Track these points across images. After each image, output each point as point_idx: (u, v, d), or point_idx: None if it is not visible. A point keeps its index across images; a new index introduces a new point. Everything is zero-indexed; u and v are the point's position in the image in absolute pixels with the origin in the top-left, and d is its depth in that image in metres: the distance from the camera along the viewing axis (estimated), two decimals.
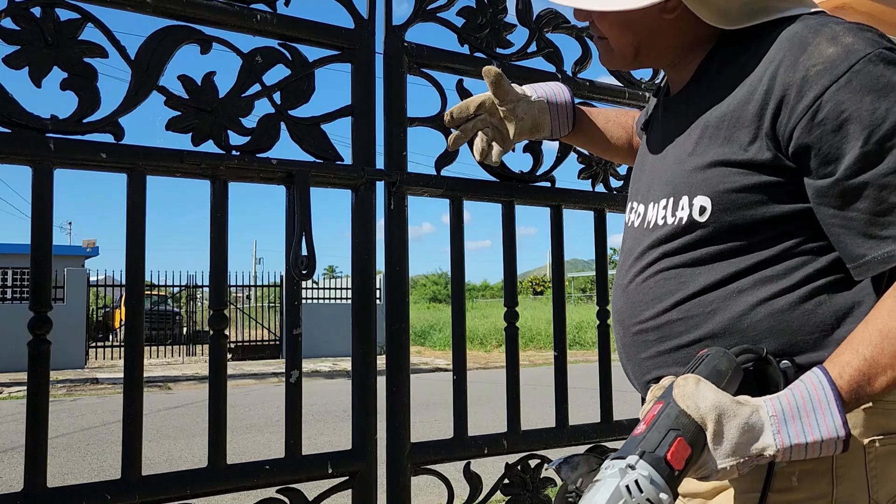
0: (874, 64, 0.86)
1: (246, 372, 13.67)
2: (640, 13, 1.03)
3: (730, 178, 0.95)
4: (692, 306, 0.99)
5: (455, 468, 1.61)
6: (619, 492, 0.79)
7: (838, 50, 0.87)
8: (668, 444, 0.82)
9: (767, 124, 0.91)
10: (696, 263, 0.99)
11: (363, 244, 1.53)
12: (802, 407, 0.84)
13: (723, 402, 0.85)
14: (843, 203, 0.88)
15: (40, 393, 1.22)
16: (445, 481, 1.59)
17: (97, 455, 6.42)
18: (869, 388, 0.84)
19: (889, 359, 0.84)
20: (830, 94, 0.86)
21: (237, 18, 1.42)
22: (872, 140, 0.85)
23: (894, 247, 0.86)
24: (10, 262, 15.83)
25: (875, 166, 0.85)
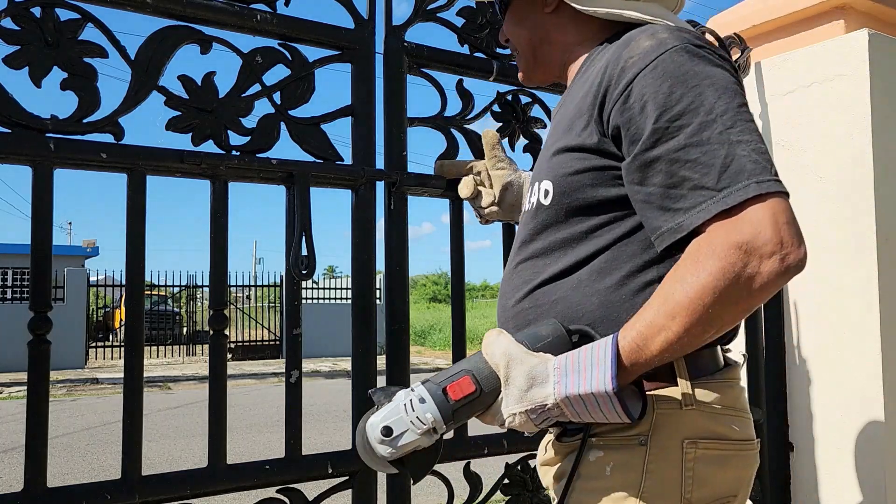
0: (679, 54, 0.94)
1: (246, 372, 13.67)
2: (528, 10, 1.19)
3: (567, 162, 1.03)
4: (540, 295, 1.05)
5: (455, 468, 1.61)
6: (398, 408, 0.96)
7: (652, 43, 0.96)
8: (453, 378, 0.95)
9: (596, 111, 1.00)
10: (545, 252, 1.07)
11: (363, 244, 1.53)
12: (583, 362, 0.90)
13: (513, 350, 0.94)
14: (641, 178, 0.95)
15: (40, 393, 1.22)
16: (445, 481, 1.59)
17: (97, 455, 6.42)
18: (648, 348, 0.89)
19: (664, 319, 0.88)
20: (638, 80, 0.94)
21: (237, 18, 1.42)
22: (664, 118, 0.91)
23: (684, 217, 0.91)
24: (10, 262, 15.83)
25: (666, 143, 0.91)
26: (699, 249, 0.88)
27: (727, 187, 0.87)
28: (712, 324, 0.87)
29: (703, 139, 0.90)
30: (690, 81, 0.92)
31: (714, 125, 0.90)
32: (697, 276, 0.86)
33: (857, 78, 1.96)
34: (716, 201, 0.88)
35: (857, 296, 1.93)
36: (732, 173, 0.88)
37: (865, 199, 1.93)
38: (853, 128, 1.96)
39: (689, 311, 0.86)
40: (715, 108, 0.91)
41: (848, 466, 1.94)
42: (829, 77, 2.02)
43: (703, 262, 0.86)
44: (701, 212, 0.89)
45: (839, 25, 2.19)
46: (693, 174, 0.90)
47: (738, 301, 0.86)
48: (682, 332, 0.87)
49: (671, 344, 0.88)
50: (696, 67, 0.93)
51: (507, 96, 1.78)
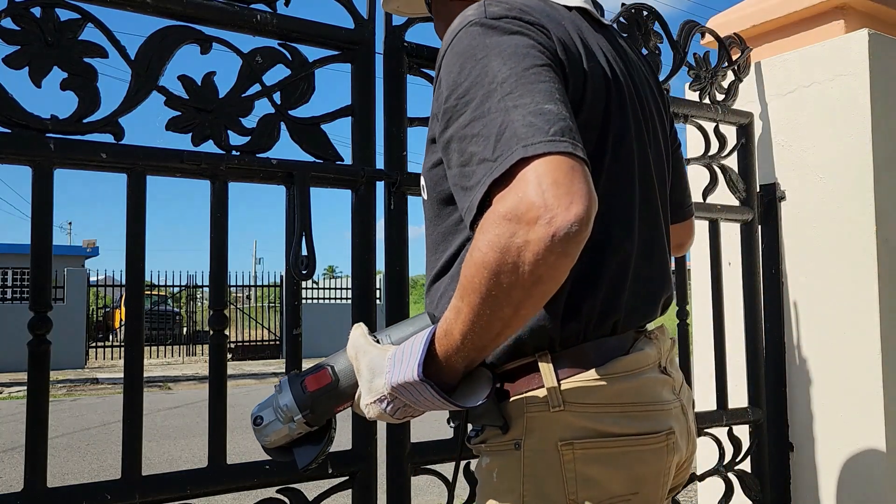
0: (472, 27, 0.90)
1: (246, 372, 13.67)
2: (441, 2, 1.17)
3: (427, 155, 1.04)
4: (433, 292, 1.06)
5: None
6: (269, 399, 1.02)
7: (457, 21, 0.94)
8: (313, 370, 1.01)
9: (433, 100, 0.98)
10: (433, 247, 1.08)
11: (363, 244, 1.53)
12: (405, 352, 0.89)
13: (359, 343, 0.96)
14: (447, 161, 0.91)
15: (40, 393, 1.22)
16: (445, 481, 1.59)
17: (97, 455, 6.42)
18: (452, 333, 0.85)
19: (457, 301, 0.84)
20: (444, 61, 0.93)
21: (237, 18, 1.41)
22: (454, 96, 0.88)
23: (473, 195, 0.84)
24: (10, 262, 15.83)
25: (456, 120, 0.88)
26: (476, 228, 0.83)
27: (501, 156, 0.81)
28: (499, 302, 0.80)
29: (485, 110, 0.84)
30: (479, 54, 0.88)
31: (494, 94, 0.84)
32: (472, 254, 0.80)
33: (856, 78, 1.96)
34: (490, 172, 0.81)
35: (857, 296, 1.93)
36: (505, 140, 0.81)
37: (865, 198, 1.93)
38: (853, 128, 1.96)
39: (470, 289, 0.81)
40: (497, 76, 0.85)
41: (848, 466, 1.94)
42: (829, 77, 2.02)
43: (476, 240, 0.81)
44: (480, 186, 0.83)
45: (839, 25, 2.19)
46: (477, 148, 0.84)
47: (515, 275, 0.77)
48: (472, 312, 0.82)
49: (468, 326, 0.83)
50: (486, 40, 0.89)
51: None
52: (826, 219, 2.02)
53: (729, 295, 2.04)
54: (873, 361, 1.89)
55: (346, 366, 0.99)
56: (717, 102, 2.08)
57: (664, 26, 1.94)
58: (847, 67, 1.98)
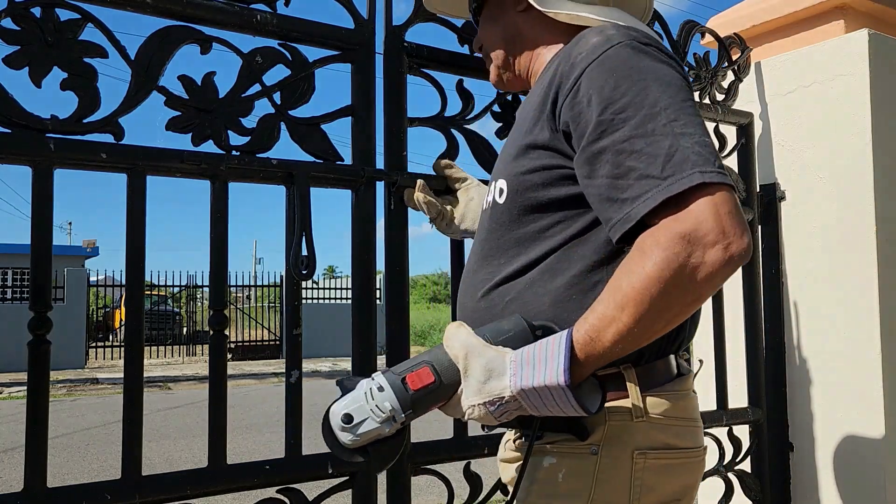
0: (624, 49, 0.96)
1: (246, 372, 13.67)
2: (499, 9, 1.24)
3: (519, 160, 1.06)
4: (496, 296, 1.07)
5: (455, 468, 1.61)
6: (360, 396, 0.97)
7: (599, 39, 0.99)
8: (413, 368, 0.96)
9: (549, 108, 1.02)
10: (500, 251, 1.09)
11: (363, 244, 1.53)
12: (538, 356, 0.91)
13: (471, 342, 0.94)
14: (590, 171, 0.96)
15: (40, 393, 1.22)
16: (445, 481, 1.59)
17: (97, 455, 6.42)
18: (600, 340, 0.89)
19: (614, 311, 0.88)
20: (586, 74, 0.97)
21: (237, 18, 1.41)
22: (609, 111, 0.93)
23: (632, 207, 0.90)
24: (10, 262, 15.83)
25: (612, 134, 0.92)
26: (645, 241, 0.89)
27: (671, 175, 0.88)
28: (661, 315, 0.88)
29: (648, 130, 0.90)
30: (635, 76, 0.94)
31: (658, 117, 0.91)
32: (643, 266, 0.87)
33: (857, 78, 1.96)
34: (661, 189, 0.88)
35: (857, 295, 1.93)
36: (677, 163, 0.88)
37: (865, 198, 1.93)
38: (853, 127, 1.96)
39: (636, 301, 0.87)
40: (659, 101, 0.92)
41: (848, 466, 1.94)
42: (829, 77, 2.02)
43: (648, 253, 0.87)
44: (647, 200, 0.89)
45: (839, 25, 2.19)
46: (639, 164, 0.90)
47: (684, 291, 0.86)
48: (632, 322, 0.87)
49: (622, 335, 0.88)
50: (640, 63, 0.95)
51: (507, 96, 1.78)
52: (826, 219, 2.02)
53: (729, 295, 2.04)
54: (873, 361, 1.89)
55: (448, 365, 0.96)
56: (717, 102, 2.08)
57: (664, 26, 1.94)
58: (847, 67, 1.98)
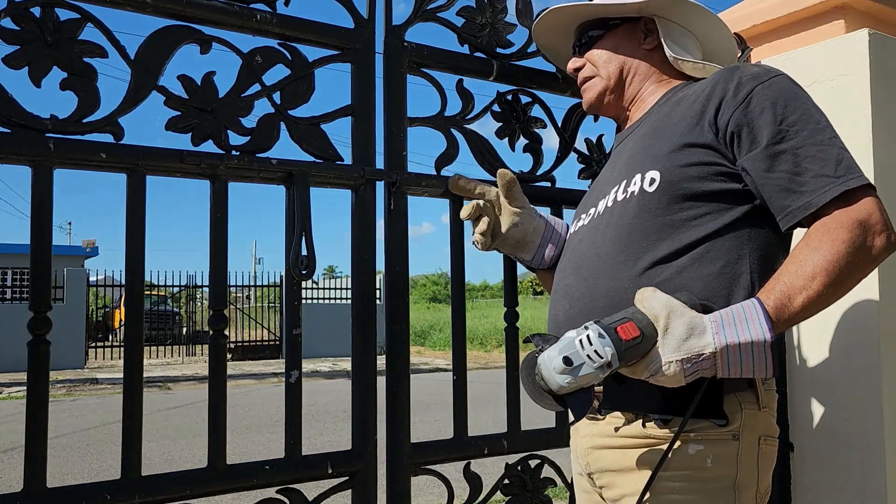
0: (786, 80, 1.19)
1: (246, 372, 13.67)
2: (626, 43, 1.42)
3: (675, 155, 1.19)
4: (645, 278, 1.16)
5: (455, 468, 1.61)
6: (573, 343, 1.02)
7: (761, 69, 1.20)
8: (619, 321, 1.02)
9: (710, 116, 1.18)
10: (644, 238, 1.18)
11: (363, 244, 1.53)
12: (738, 317, 1.04)
13: (673, 303, 1.04)
14: (769, 165, 1.13)
15: (40, 393, 1.22)
16: (445, 481, 1.59)
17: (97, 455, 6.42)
18: (791, 306, 1.05)
19: (804, 280, 1.05)
20: (757, 91, 1.16)
21: (237, 18, 1.41)
22: (785, 123, 1.14)
23: (811, 197, 1.10)
24: (10, 262, 15.82)
25: (790, 140, 1.13)
26: (827, 224, 1.08)
27: (843, 176, 1.09)
28: (842, 285, 1.06)
29: (818, 141, 1.12)
30: (799, 101, 1.16)
31: (824, 132, 1.14)
32: (832, 243, 1.05)
33: (857, 78, 1.95)
34: (838, 184, 1.09)
35: (858, 295, 1.93)
36: (845, 167, 1.10)
37: None
38: (853, 128, 1.96)
39: (827, 271, 1.04)
40: (821, 120, 1.15)
41: (848, 466, 1.94)
42: (829, 77, 2.02)
43: (834, 233, 1.06)
44: (826, 192, 1.09)
45: (839, 25, 2.19)
46: (814, 166, 1.11)
47: (860, 267, 1.07)
48: (822, 289, 1.04)
49: (811, 301, 1.05)
50: (798, 90, 1.17)
51: (507, 96, 1.78)
52: None
53: None
54: (873, 361, 1.88)
55: (646, 323, 1.03)
56: None
57: None
58: (847, 67, 1.97)
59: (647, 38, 1.41)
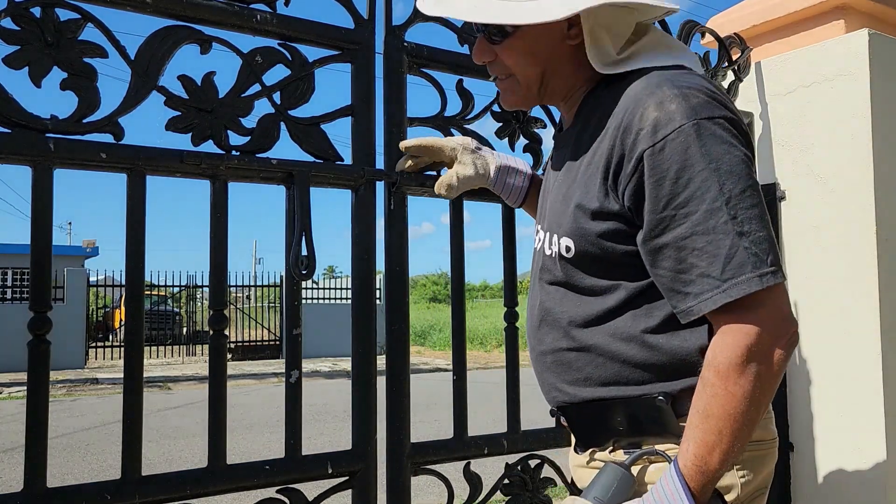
0: (685, 134, 0.96)
1: (246, 372, 13.67)
2: (545, 41, 1.14)
3: (588, 222, 1.07)
4: (581, 337, 1.12)
5: (455, 468, 1.61)
6: None
7: (660, 116, 0.98)
8: None
9: (611, 180, 1.04)
10: (575, 297, 1.13)
11: (363, 244, 1.53)
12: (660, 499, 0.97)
13: None
14: (652, 261, 1.02)
15: (40, 393, 1.22)
16: (445, 481, 1.59)
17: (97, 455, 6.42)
18: (709, 466, 0.96)
19: (712, 436, 0.96)
20: (647, 159, 0.98)
21: (237, 18, 1.41)
22: (671, 206, 0.97)
23: (694, 303, 0.98)
24: (10, 262, 15.82)
25: (674, 230, 0.98)
26: (717, 359, 0.96)
27: (731, 279, 0.95)
28: (753, 421, 0.97)
29: (709, 228, 0.95)
30: (697, 166, 0.96)
31: (719, 214, 0.95)
32: (726, 388, 0.95)
33: (857, 78, 1.96)
34: (721, 292, 0.95)
35: (858, 296, 1.93)
36: (736, 265, 0.95)
37: (865, 198, 1.93)
38: (853, 127, 1.96)
39: (731, 421, 0.95)
40: (720, 195, 0.95)
41: (848, 466, 1.94)
42: (829, 77, 2.02)
43: (724, 375, 0.96)
44: (708, 301, 0.97)
45: (839, 25, 2.19)
46: (700, 262, 0.97)
47: (766, 393, 0.97)
48: (733, 440, 0.96)
49: (728, 454, 0.96)
50: (702, 149, 0.96)
51: None
52: (826, 219, 2.02)
53: None
54: (873, 361, 1.89)
55: None
56: None
57: (664, 26, 1.94)
58: (847, 67, 1.98)
59: (570, 28, 1.12)
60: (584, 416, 1.16)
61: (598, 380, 1.12)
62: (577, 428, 1.19)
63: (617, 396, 1.11)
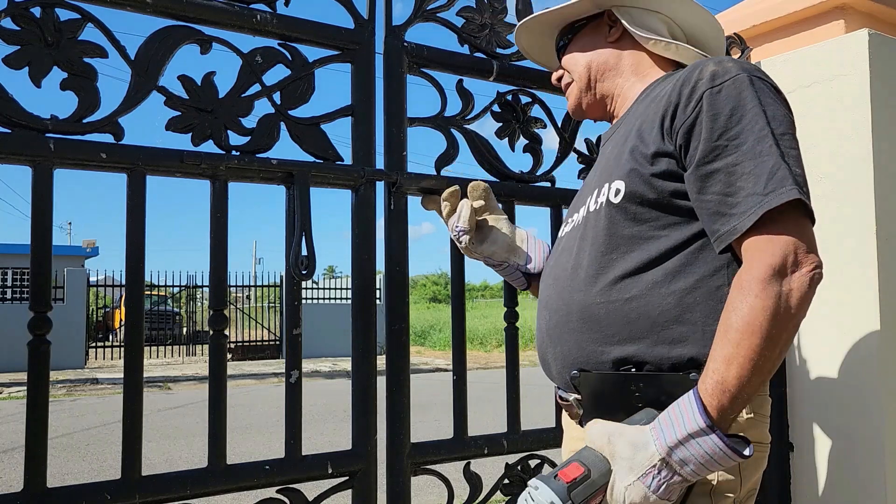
0: (740, 81, 1.08)
1: (246, 372, 13.66)
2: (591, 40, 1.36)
3: (640, 164, 1.14)
4: (614, 293, 1.13)
5: (455, 468, 1.61)
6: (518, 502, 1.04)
7: (717, 69, 1.10)
8: (562, 466, 1.03)
9: (667, 123, 1.12)
10: (613, 249, 1.15)
11: (363, 244, 1.53)
12: (673, 415, 0.99)
13: (609, 427, 1.03)
14: (701, 187, 1.07)
15: (40, 393, 1.22)
16: (445, 481, 1.59)
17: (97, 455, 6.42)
18: (728, 381, 0.97)
19: (730, 348, 0.98)
20: (705, 99, 1.08)
21: (237, 18, 1.42)
22: (724, 136, 1.06)
23: (738, 221, 1.03)
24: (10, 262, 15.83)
25: (725, 157, 1.05)
26: (741, 277, 1.00)
27: (773, 191, 1.01)
28: (773, 342, 0.97)
29: (757, 152, 1.03)
30: (748, 104, 1.06)
31: (766, 141, 1.04)
32: (746, 300, 0.98)
33: (857, 78, 1.95)
34: (762, 204, 1.01)
35: (857, 295, 1.93)
36: (778, 179, 1.02)
37: (865, 198, 1.93)
38: (853, 127, 1.96)
39: (748, 333, 0.96)
40: (766, 128, 1.05)
41: (848, 466, 1.94)
42: (829, 77, 2.02)
43: (747, 288, 0.99)
44: (751, 215, 1.02)
45: (839, 25, 2.19)
46: (747, 184, 1.03)
47: (786, 316, 0.97)
48: (752, 353, 0.96)
49: (745, 368, 0.96)
50: (754, 94, 1.07)
51: (507, 96, 1.78)
52: (826, 219, 2.02)
53: None
54: (873, 361, 1.89)
55: (593, 458, 1.03)
56: None
57: None
58: (847, 67, 1.98)
59: (611, 29, 1.35)
60: (604, 385, 1.13)
61: (630, 336, 1.11)
62: (594, 398, 1.15)
63: (645, 365, 1.10)
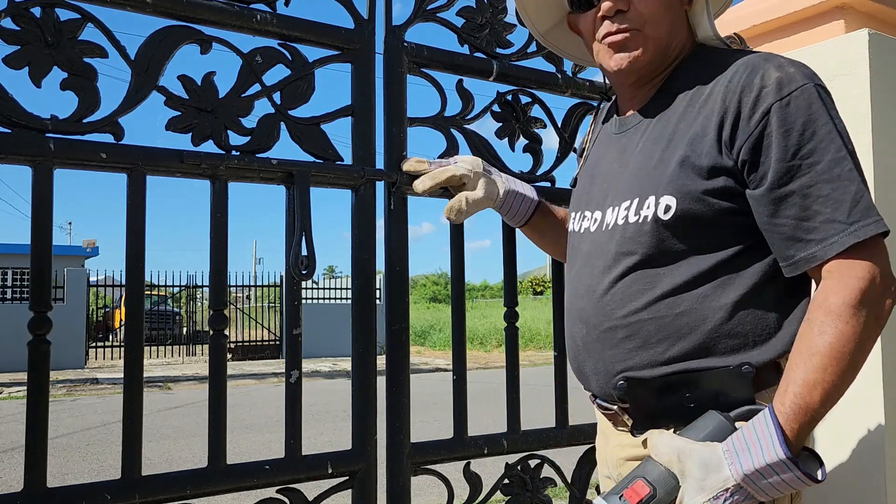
0: (808, 92, 1.03)
1: (246, 372, 13.66)
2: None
3: (694, 180, 1.07)
4: (662, 307, 1.10)
5: (455, 468, 1.61)
6: None
7: (782, 76, 1.04)
8: (627, 485, 1.00)
9: (727, 135, 1.06)
10: (660, 264, 1.10)
11: (363, 244, 1.53)
12: (749, 439, 0.96)
13: (679, 444, 0.99)
14: (774, 210, 1.03)
15: (40, 393, 1.22)
16: (445, 481, 1.59)
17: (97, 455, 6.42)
18: (811, 406, 0.96)
19: (816, 374, 0.96)
20: (773, 112, 1.02)
21: (237, 18, 1.41)
22: (798, 155, 1.01)
23: (817, 248, 1.00)
24: (10, 262, 15.82)
25: (800, 178, 1.01)
26: (829, 299, 0.98)
27: (858, 221, 0.99)
28: (857, 365, 0.98)
29: (835, 175, 1.00)
30: (820, 121, 1.01)
31: (844, 163, 1.00)
32: (837, 326, 0.97)
33: (857, 78, 1.95)
34: (849, 234, 0.98)
35: None
36: (862, 209, 0.99)
37: None
38: (853, 127, 1.96)
39: (837, 359, 0.96)
40: (843, 147, 1.01)
41: (848, 467, 1.94)
42: (829, 77, 2.02)
43: (838, 313, 0.97)
44: (835, 244, 0.99)
45: (839, 25, 2.19)
46: (825, 209, 1.00)
47: (871, 339, 0.98)
48: (836, 380, 0.96)
49: (829, 393, 0.96)
50: (824, 107, 1.03)
51: (506, 96, 1.78)
52: None
53: None
54: (873, 361, 1.88)
55: (659, 474, 1.00)
56: None
57: None
58: (847, 67, 1.97)
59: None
60: (654, 392, 1.11)
61: (680, 350, 1.08)
62: (642, 407, 1.13)
63: (699, 368, 1.07)
